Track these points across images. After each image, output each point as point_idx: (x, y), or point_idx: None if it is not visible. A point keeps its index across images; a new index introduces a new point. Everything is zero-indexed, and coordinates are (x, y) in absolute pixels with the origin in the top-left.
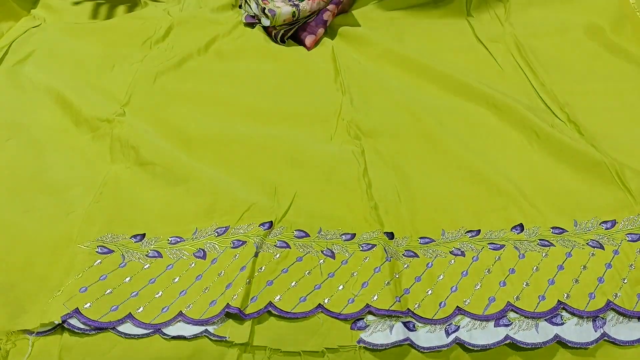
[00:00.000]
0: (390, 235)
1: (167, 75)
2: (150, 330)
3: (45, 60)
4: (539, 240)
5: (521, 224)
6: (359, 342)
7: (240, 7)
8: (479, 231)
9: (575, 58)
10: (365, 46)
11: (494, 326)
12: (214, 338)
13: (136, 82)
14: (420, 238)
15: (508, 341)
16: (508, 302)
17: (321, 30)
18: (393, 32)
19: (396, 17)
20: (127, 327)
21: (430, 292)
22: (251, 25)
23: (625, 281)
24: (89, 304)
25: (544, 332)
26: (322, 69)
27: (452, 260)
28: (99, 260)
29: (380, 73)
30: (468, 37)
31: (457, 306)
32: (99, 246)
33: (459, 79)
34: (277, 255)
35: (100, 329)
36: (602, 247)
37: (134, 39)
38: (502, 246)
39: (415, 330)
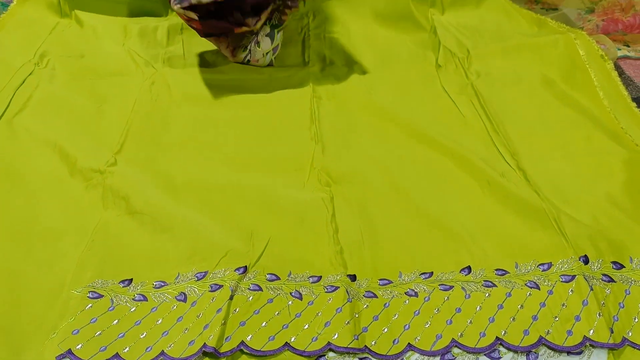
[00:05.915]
0: (353, 277)
1: (154, 124)
2: None
3: (41, 109)
4: (484, 281)
5: (469, 266)
6: None
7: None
8: (431, 273)
9: (528, 107)
10: (338, 96)
11: None
12: None
13: (127, 130)
14: (380, 280)
15: None
16: (452, 338)
17: None
18: (366, 82)
19: (370, 64)
20: None
21: (386, 330)
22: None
23: (556, 319)
24: (80, 345)
25: None
26: (298, 117)
27: (407, 301)
28: (90, 305)
29: (351, 123)
30: (435, 87)
31: (409, 343)
32: (90, 291)
33: (423, 129)
34: (250, 298)
35: None
36: (538, 288)
37: (123, 89)
38: (451, 287)
39: None
